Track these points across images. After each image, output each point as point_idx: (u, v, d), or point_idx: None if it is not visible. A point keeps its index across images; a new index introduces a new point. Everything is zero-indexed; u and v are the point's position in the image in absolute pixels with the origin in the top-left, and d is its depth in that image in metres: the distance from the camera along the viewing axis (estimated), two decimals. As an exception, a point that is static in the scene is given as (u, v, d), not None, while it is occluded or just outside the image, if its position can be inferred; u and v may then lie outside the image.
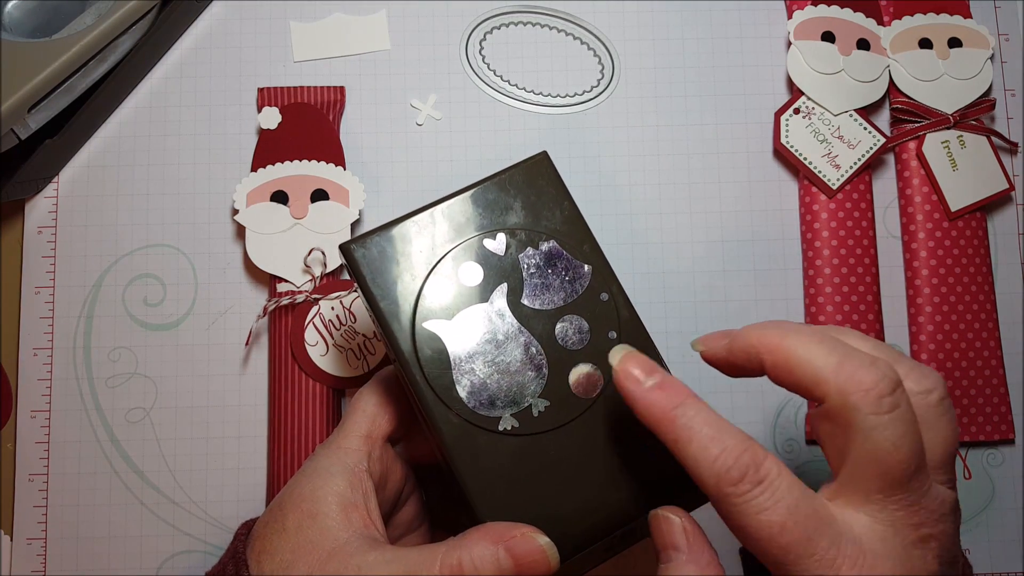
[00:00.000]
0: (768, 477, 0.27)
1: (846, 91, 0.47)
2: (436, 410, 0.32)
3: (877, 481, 0.27)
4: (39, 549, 0.44)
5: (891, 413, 0.27)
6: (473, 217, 0.34)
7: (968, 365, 0.46)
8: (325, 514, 0.32)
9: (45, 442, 0.44)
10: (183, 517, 0.44)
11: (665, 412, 0.29)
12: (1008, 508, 0.46)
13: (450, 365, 0.33)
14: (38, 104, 0.41)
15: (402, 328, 0.33)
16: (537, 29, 0.49)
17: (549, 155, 0.36)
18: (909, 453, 0.27)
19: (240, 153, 0.47)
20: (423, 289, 0.33)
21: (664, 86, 0.48)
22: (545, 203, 0.35)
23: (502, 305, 0.34)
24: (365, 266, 0.33)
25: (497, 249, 0.34)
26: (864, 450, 0.27)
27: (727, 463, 0.27)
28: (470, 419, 0.32)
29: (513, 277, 0.34)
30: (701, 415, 0.28)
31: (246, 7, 0.48)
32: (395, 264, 0.34)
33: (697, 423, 0.28)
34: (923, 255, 0.47)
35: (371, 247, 0.34)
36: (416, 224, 0.34)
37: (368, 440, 0.35)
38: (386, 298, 0.33)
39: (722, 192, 0.48)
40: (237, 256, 0.46)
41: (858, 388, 0.27)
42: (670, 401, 0.29)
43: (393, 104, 0.48)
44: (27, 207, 0.46)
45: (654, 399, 0.29)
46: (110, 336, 0.45)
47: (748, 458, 0.27)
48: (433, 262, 0.34)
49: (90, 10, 0.43)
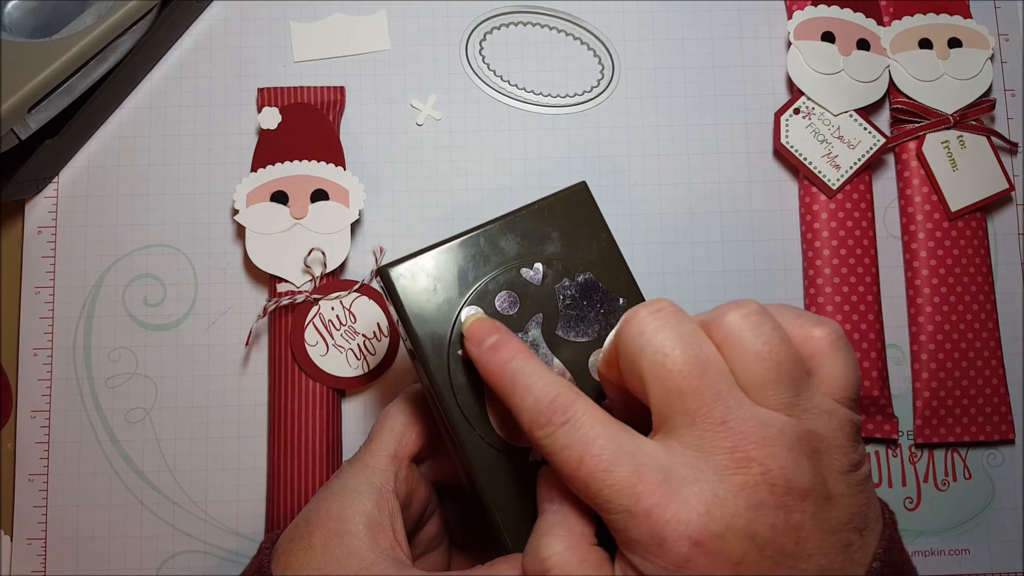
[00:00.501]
0: (573, 418, 0.28)
1: (846, 91, 0.47)
2: (468, 439, 0.33)
3: (667, 399, 0.27)
4: (39, 549, 0.44)
5: (657, 326, 0.27)
6: (511, 246, 0.34)
7: (968, 365, 0.46)
8: (352, 533, 0.32)
9: (45, 442, 0.44)
10: (183, 517, 0.44)
11: (497, 367, 0.30)
12: (1008, 508, 0.46)
13: (484, 394, 0.33)
14: (38, 104, 0.41)
15: (437, 355, 0.33)
16: (537, 29, 0.49)
17: (588, 185, 0.36)
18: (683, 361, 0.27)
19: (240, 153, 0.47)
20: (459, 316, 0.33)
21: (664, 86, 0.48)
22: (582, 234, 0.35)
23: (537, 335, 0.34)
24: (403, 290, 0.33)
25: (534, 279, 0.34)
26: (646, 374, 0.27)
27: (539, 407, 0.28)
28: (502, 449, 0.33)
29: (548, 307, 0.34)
30: (528, 367, 0.30)
31: (246, 7, 0.48)
32: (432, 290, 0.33)
33: (522, 374, 0.29)
34: (923, 255, 0.47)
35: (410, 272, 0.33)
36: (454, 250, 0.34)
37: (395, 460, 0.34)
38: (423, 324, 0.33)
39: (722, 192, 0.48)
40: (237, 256, 0.46)
41: (628, 321, 0.28)
42: (502, 357, 0.30)
43: (393, 104, 0.48)
44: (27, 207, 0.46)
45: (489, 357, 0.31)
46: (110, 336, 0.45)
47: (559, 402, 0.28)
48: (470, 290, 0.34)
49: (90, 10, 0.43)
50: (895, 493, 0.46)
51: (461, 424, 0.33)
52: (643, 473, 0.26)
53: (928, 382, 0.46)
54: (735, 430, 0.26)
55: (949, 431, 0.46)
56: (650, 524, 0.25)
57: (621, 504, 0.26)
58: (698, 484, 0.26)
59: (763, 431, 0.26)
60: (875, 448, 0.46)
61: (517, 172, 0.47)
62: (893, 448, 0.46)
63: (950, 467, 0.46)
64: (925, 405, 0.46)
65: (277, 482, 0.43)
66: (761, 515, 0.25)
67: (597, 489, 0.27)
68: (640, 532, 0.26)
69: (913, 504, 0.46)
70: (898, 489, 0.46)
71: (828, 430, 0.28)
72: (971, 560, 0.45)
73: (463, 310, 0.33)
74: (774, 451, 0.26)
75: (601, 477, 0.26)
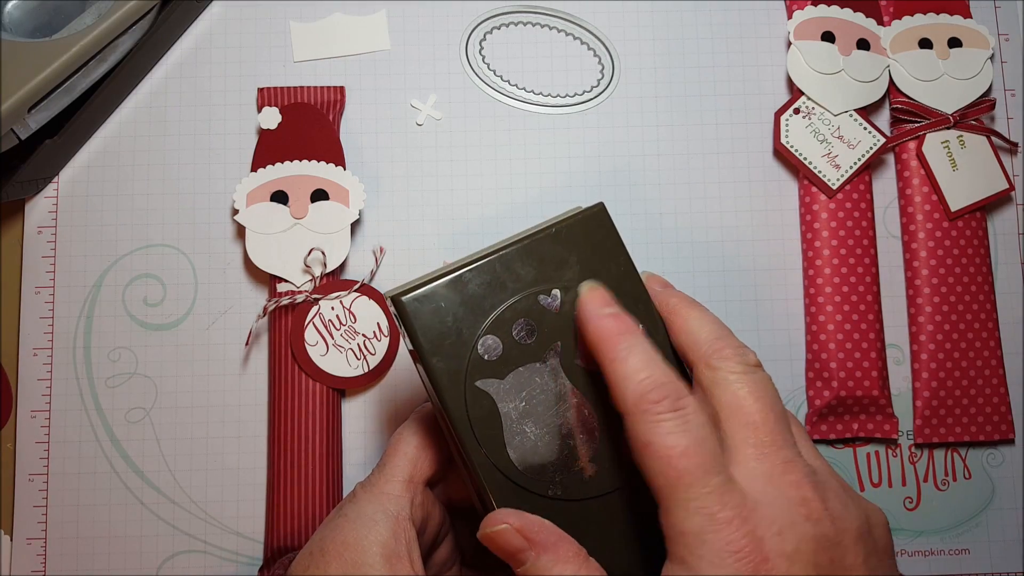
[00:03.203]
0: (686, 409, 0.29)
1: (846, 91, 0.47)
2: (485, 471, 0.32)
3: (743, 431, 0.29)
4: (39, 549, 0.44)
5: (748, 375, 0.31)
6: (528, 272, 0.33)
7: (968, 365, 0.46)
8: (369, 564, 0.32)
9: (45, 442, 0.45)
10: (183, 517, 0.44)
11: (611, 335, 0.31)
12: (1008, 508, 0.46)
13: (501, 426, 0.32)
14: (38, 104, 0.41)
15: (453, 386, 0.32)
16: (537, 29, 0.49)
17: (606, 207, 0.35)
18: (769, 407, 0.30)
19: (240, 153, 0.47)
20: (476, 346, 0.32)
21: (664, 86, 0.48)
22: (600, 258, 0.34)
23: (556, 364, 0.33)
24: (417, 319, 0.32)
25: (552, 306, 0.33)
26: (728, 403, 0.30)
27: (652, 385, 0.29)
28: (519, 482, 0.32)
29: (567, 335, 0.33)
30: (643, 346, 0.30)
31: (246, 7, 0.48)
32: (447, 318, 0.32)
33: (637, 351, 0.30)
34: (923, 255, 0.47)
35: (424, 300, 0.32)
36: (469, 277, 0.32)
37: (410, 486, 0.34)
38: (437, 354, 0.32)
39: (722, 192, 0.48)
40: (237, 256, 0.46)
41: (723, 353, 0.31)
42: (619, 328, 0.31)
43: (393, 104, 0.48)
44: (27, 207, 0.46)
45: (606, 323, 0.31)
46: (110, 336, 0.45)
47: (672, 389, 0.29)
48: (486, 318, 0.32)
49: (90, 10, 0.43)
50: (895, 493, 0.46)
51: (477, 456, 0.32)
52: (730, 490, 0.28)
53: (928, 382, 0.46)
54: (798, 470, 0.29)
55: (949, 431, 0.46)
56: (729, 532, 0.27)
57: (706, 508, 0.27)
58: (771, 508, 0.28)
59: (814, 476, 0.29)
60: (875, 448, 0.46)
61: (517, 172, 0.47)
62: (893, 448, 0.46)
63: (950, 467, 0.46)
64: (925, 405, 0.46)
65: (277, 482, 0.43)
66: (824, 548, 0.28)
67: (687, 485, 0.28)
68: (716, 538, 0.27)
69: (913, 504, 0.46)
70: (898, 489, 0.46)
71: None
72: (971, 560, 0.45)
73: (480, 340, 0.32)
74: (827, 494, 0.29)
75: (700, 477, 0.28)
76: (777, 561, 0.27)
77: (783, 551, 0.27)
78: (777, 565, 0.27)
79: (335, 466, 0.44)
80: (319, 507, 0.43)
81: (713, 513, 0.27)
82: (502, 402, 0.32)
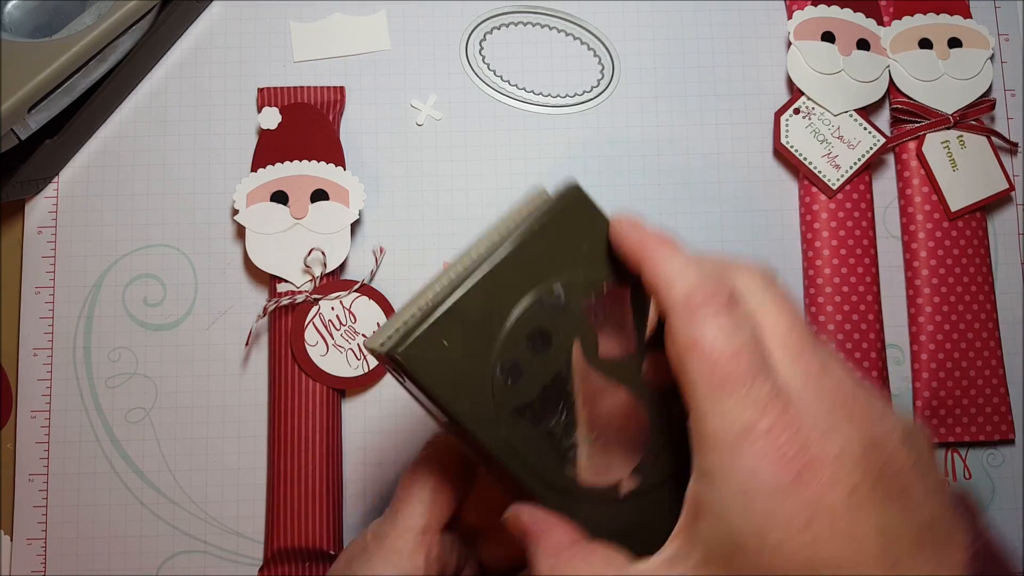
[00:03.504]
0: (739, 310, 0.27)
1: (846, 91, 0.47)
2: (552, 501, 0.29)
3: (775, 336, 0.27)
4: (39, 549, 0.44)
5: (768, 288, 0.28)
6: (523, 279, 0.30)
7: (968, 365, 0.46)
8: None
9: (45, 442, 0.45)
10: (183, 517, 0.44)
11: (656, 242, 0.29)
12: (1008, 508, 0.46)
13: (550, 447, 0.29)
14: (38, 104, 0.41)
15: (485, 422, 0.29)
16: (537, 29, 0.49)
17: (580, 186, 0.31)
18: (796, 313, 0.28)
19: (240, 153, 0.47)
20: (495, 375, 0.29)
21: (664, 86, 0.48)
22: (591, 241, 0.31)
23: (581, 364, 0.30)
24: (424, 370, 0.28)
25: (557, 303, 0.30)
26: (754, 310, 0.27)
27: (704, 281, 0.27)
28: (585, 496, 0.29)
29: (583, 328, 0.30)
30: (688, 251, 0.28)
31: (246, 7, 0.48)
32: (455, 357, 0.29)
33: (684, 252, 0.28)
34: (923, 255, 0.47)
35: (424, 345, 0.28)
36: (464, 304, 0.29)
37: (425, 538, 0.31)
38: (458, 399, 0.28)
39: (722, 192, 0.48)
40: (237, 256, 0.46)
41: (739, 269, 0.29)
42: (662, 236, 0.29)
43: (393, 104, 0.48)
44: (27, 207, 0.46)
45: (646, 233, 0.29)
46: (110, 336, 0.45)
47: (725, 290, 0.27)
48: (496, 341, 0.29)
49: (90, 10, 0.43)
50: (895, 493, 0.46)
51: (538, 488, 0.29)
52: (777, 393, 0.26)
53: (928, 382, 0.46)
54: (835, 374, 0.27)
55: (949, 431, 0.46)
56: (771, 439, 0.25)
57: (749, 414, 0.25)
58: (814, 409, 0.26)
59: (853, 377, 0.28)
60: (875, 448, 0.46)
61: (517, 172, 0.47)
62: (893, 448, 0.46)
63: (950, 467, 0.46)
64: (925, 405, 0.46)
65: (277, 482, 0.43)
66: (870, 450, 0.26)
67: (733, 386, 0.26)
68: (755, 448, 0.25)
69: (913, 504, 0.46)
70: (898, 489, 0.46)
71: None
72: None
73: (497, 366, 0.29)
74: (869, 397, 0.27)
75: (748, 382, 0.26)
76: (822, 464, 0.25)
77: (828, 454, 0.25)
78: (821, 469, 0.25)
79: (335, 466, 0.44)
80: (319, 507, 0.43)
81: (754, 420, 0.25)
82: (542, 422, 0.29)
